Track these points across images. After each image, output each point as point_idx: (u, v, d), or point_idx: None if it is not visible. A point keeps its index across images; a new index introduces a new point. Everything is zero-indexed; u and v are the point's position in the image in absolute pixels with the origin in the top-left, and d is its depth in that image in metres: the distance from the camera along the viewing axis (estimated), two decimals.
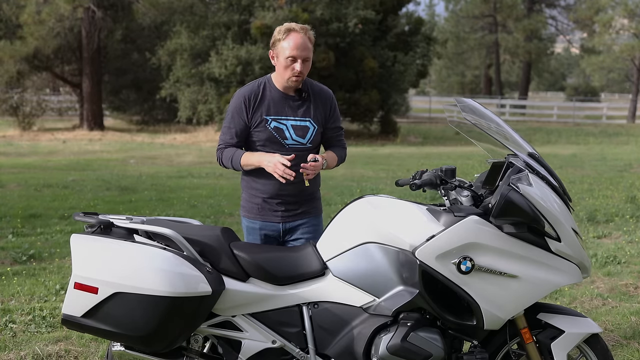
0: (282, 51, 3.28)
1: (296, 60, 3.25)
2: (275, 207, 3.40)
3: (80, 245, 2.83)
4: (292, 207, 3.41)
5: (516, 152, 2.94)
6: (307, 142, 3.38)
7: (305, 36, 3.29)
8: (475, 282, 2.78)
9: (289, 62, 3.27)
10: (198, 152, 17.95)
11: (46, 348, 4.06)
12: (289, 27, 3.29)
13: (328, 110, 3.45)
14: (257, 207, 3.42)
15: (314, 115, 3.39)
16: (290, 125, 3.35)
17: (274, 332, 2.96)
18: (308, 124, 3.38)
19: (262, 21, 20.35)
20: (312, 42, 3.34)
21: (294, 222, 3.43)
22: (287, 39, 3.27)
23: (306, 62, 3.30)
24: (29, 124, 23.98)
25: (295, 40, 3.26)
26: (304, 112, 3.38)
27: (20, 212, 8.32)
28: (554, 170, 3.00)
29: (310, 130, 3.38)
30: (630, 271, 5.87)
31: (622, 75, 42.05)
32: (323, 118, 3.43)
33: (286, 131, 3.34)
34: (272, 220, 3.41)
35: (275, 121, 3.34)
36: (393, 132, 23.39)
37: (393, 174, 12.73)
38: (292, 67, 3.27)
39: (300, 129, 3.36)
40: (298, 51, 3.25)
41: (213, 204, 9.26)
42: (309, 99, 3.40)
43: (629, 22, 33.18)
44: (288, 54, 3.25)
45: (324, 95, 3.45)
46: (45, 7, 22.89)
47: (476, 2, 41.29)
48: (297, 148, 3.35)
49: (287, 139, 3.34)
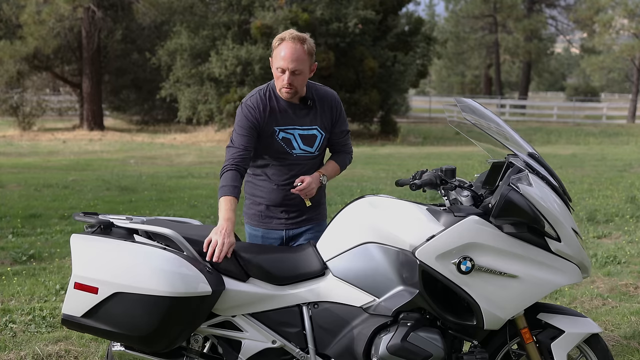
0: (274, 60, 3.15)
1: (284, 71, 3.11)
2: (279, 215, 3.31)
3: (80, 245, 2.83)
4: (295, 215, 3.32)
5: (516, 152, 2.94)
6: (314, 150, 3.28)
7: (300, 46, 3.11)
8: (475, 282, 2.77)
9: (278, 73, 3.14)
10: (198, 152, 17.96)
11: (46, 348, 4.06)
12: (282, 36, 3.14)
13: (335, 115, 3.33)
14: (259, 215, 3.33)
15: (321, 122, 3.28)
16: (298, 134, 3.24)
17: (274, 332, 2.96)
18: (315, 132, 3.27)
19: (262, 21, 20.35)
20: (310, 52, 3.16)
21: (297, 230, 3.33)
22: (279, 47, 3.13)
23: (298, 74, 3.12)
24: (29, 124, 23.99)
25: (285, 50, 3.09)
26: (311, 120, 3.26)
27: (20, 212, 8.32)
28: (554, 170, 3.00)
29: (318, 139, 3.28)
30: (630, 271, 5.87)
31: (622, 75, 42.05)
32: (330, 124, 3.32)
33: (294, 141, 3.23)
34: (275, 228, 3.32)
35: (283, 132, 3.21)
36: (393, 132, 23.40)
37: (393, 174, 12.73)
38: (281, 78, 3.13)
39: (307, 138, 3.25)
40: (286, 62, 3.09)
41: (213, 204, 9.25)
42: (315, 105, 3.27)
43: (629, 22, 33.17)
44: (277, 65, 3.13)
45: (329, 99, 3.32)
46: (45, 7, 22.90)
47: (476, 2, 41.28)
48: (304, 157, 3.26)
49: (294, 149, 3.23)
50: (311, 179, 3.19)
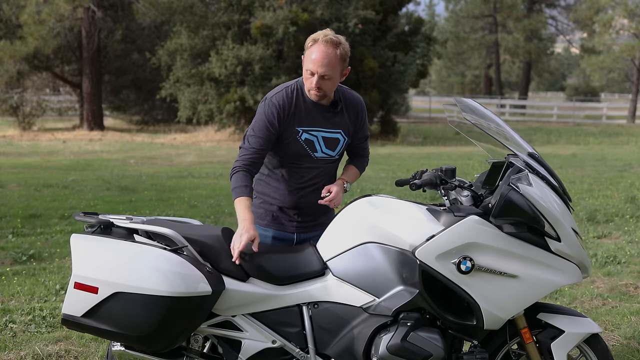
0: (305, 61, 3.05)
1: (314, 74, 3.01)
2: (292, 217, 3.24)
3: (80, 245, 2.83)
4: (309, 218, 3.25)
5: (516, 152, 2.94)
6: (336, 154, 3.21)
7: (333, 50, 3.00)
8: (475, 282, 2.77)
9: (308, 75, 3.04)
10: (198, 152, 17.96)
11: (46, 348, 4.06)
12: (316, 37, 3.03)
13: (359, 121, 3.26)
14: (271, 215, 3.24)
15: (346, 127, 3.20)
16: (321, 137, 3.15)
17: (274, 332, 2.96)
18: (339, 136, 3.19)
19: (262, 21, 20.35)
20: (343, 57, 3.05)
21: (309, 234, 3.25)
22: (311, 49, 3.02)
23: (327, 79, 3.02)
24: (29, 124, 24.00)
25: (317, 53, 2.99)
26: (336, 123, 3.17)
27: (20, 212, 8.32)
28: (554, 170, 3.00)
29: (341, 143, 3.20)
30: (630, 271, 5.87)
31: (622, 75, 42.06)
32: (353, 129, 3.24)
33: (316, 143, 3.14)
34: (287, 230, 3.25)
35: (306, 132, 3.12)
36: (393, 132, 23.39)
37: (393, 174, 12.72)
38: (310, 80, 3.04)
39: (331, 141, 3.17)
40: (316, 66, 2.99)
41: (213, 204, 9.25)
42: (342, 109, 3.19)
43: (629, 22, 33.18)
44: (307, 66, 3.03)
45: (355, 105, 3.24)
46: (45, 7, 22.89)
47: (476, 2, 41.29)
48: (324, 160, 3.19)
49: (316, 152, 3.15)
50: (338, 188, 3.15)
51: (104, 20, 23.99)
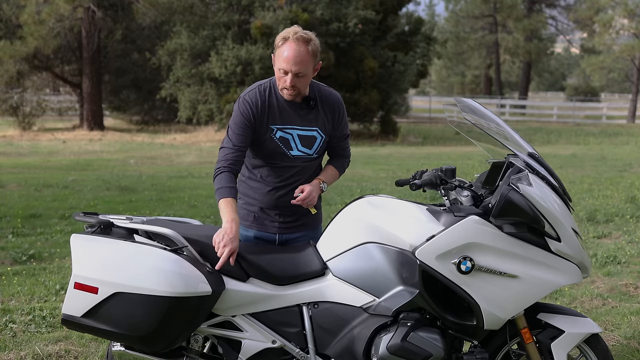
0: (276, 60, 3.02)
1: (287, 73, 2.99)
2: (273, 218, 3.20)
3: (80, 245, 2.83)
4: (290, 219, 3.21)
5: (516, 152, 2.94)
6: (313, 152, 3.16)
7: (304, 48, 2.98)
8: (475, 282, 2.77)
9: (280, 74, 3.01)
10: (198, 152, 17.96)
11: (46, 348, 4.06)
12: (286, 35, 2.99)
13: (336, 118, 3.20)
14: (253, 216, 3.22)
15: (322, 124, 3.16)
16: (297, 134, 3.11)
17: (274, 332, 2.96)
18: (315, 134, 3.15)
19: (262, 21, 20.36)
20: (315, 53, 3.03)
21: (292, 234, 3.23)
22: (282, 47, 2.99)
23: (301, 77, 3.00)
24: (29, 124, 24.01)
25: (289, 52, 2.96)
26: (311, 120, 3.13)
27: (20, 212, 8.32)
28: (554, 170, 3.00)
29: (317, 141, 3.15)
30: (630, 271, 5.86)
31: (622, 75, 42.03)
32: (330, 127, 3.19)
33: (292, 141, 3.11)
34: (268, 231, 3.21)
35: (281, 130, 3.09)
36: (393, 132, 23.41)
37: (393, 174, 12.73)
38: (284, 79, 3.01)
39: (306, 139, 3.13)
40: (289, 65, 2.96)
41: (213, 204, 9.25)
42: (317, 106, 3.15)
43: (629, 22, 33.18)
44: (279, 65, 3.00)
45: (332, 101, 3.20)
46: (45, 7, 22.90)
47: (476, 2, 41.30)
48: (302, 159, 3.14)
49: (292, 150, 3.11)
50: (311, 188, 3.11)
51: (104, 20, 23.99)
